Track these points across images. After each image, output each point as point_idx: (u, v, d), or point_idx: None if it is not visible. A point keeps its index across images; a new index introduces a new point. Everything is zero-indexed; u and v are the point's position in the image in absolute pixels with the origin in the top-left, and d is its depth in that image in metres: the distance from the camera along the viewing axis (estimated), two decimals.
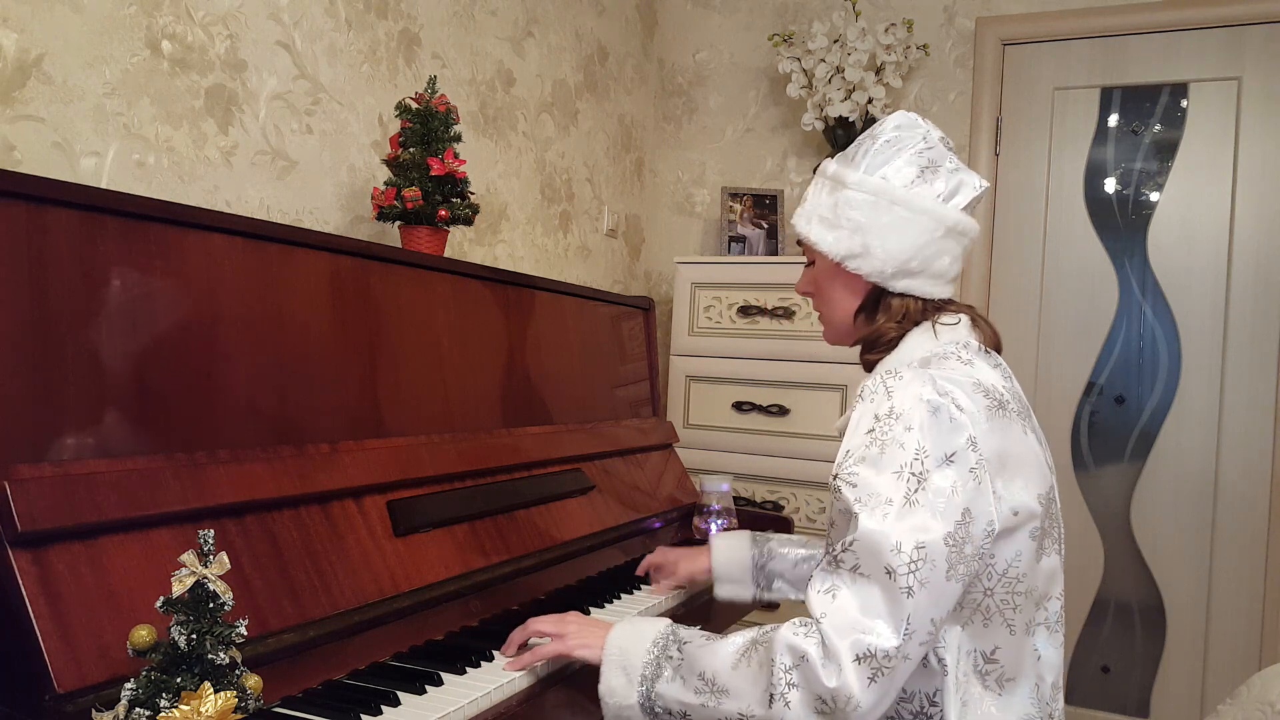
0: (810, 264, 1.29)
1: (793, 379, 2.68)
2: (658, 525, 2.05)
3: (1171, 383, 2.75)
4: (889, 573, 1.00)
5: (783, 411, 2.70)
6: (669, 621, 1.18)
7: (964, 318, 1.22)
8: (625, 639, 1.16)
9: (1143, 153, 2.80)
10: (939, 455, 1.03)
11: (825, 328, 1.31)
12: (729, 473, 2.63)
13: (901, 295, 1.20)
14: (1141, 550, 2.77)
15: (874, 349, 1.22)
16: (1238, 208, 2.67)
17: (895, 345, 1.20)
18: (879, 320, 1.22)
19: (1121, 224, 2.82)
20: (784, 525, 2.23)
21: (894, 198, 1.17)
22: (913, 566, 0.99)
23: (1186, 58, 2.72)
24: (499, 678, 1.20)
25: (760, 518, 2.24)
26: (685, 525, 2.16)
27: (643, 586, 1.70)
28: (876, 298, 1.22)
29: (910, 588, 0.99)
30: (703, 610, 1.68)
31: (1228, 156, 2.68)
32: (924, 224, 1.17)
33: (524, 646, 1.28)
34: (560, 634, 1.22)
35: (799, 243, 1.28)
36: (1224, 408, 2.68)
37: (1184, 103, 2.74)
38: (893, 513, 1.01)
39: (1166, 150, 2.76)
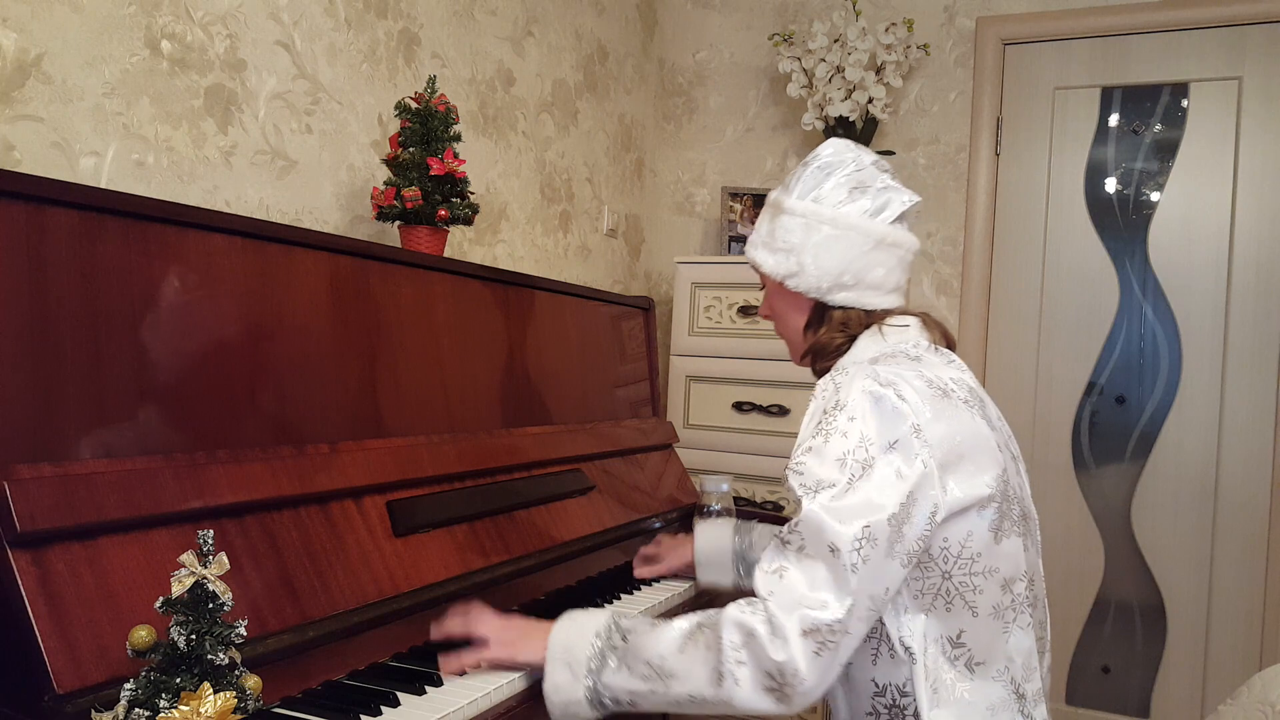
0: (763, 287, 1.37)
1: (793, 379, 2.67)
2: (658, 525, 2.05)
3: (1172, 383, 2.74)
4: (833, 551, 1.05)
5: (783, 411, 2.69)
6: (611, 612, 1.20)
7: (914, 321, 1.28)
8: (567, 634, 1.17)
9: (1143, 153, 2.79)
10: (882, 442, 1.09)
11: (787, 348, 1.38)
12: (729, 473, 2.62)
13: (842, 308, 1.27)
14: (1142, 550, 2.77)
15: (822, 357, 1.29)
16: (1238, 208, 2.67)
17: (844, 351, 1.26)
18: (822, 332, 1.29)
19: (1122, 224, 2.82)
20: (784, 525, 2.23)
21: (822, 218, 1.24)
22: (855, 545, 1.04)
23: (1187, 58, 2.72)
24: (499, 678, 1.20)
25: (760, 518, 2.24)
26: (685, 525, 2.16)
27: (643, 587, 1.70)
28: (820, 313, 1.29)
29: (854, 564, 1.04)
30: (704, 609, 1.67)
31: (1228, 156, 2.68)
32: (851, 239, 1.24)
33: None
34: (493, 639, 1.22)
35: (753, 268, 1.36)
36: (1225, 408, 2.68)
37: (1184, 102, 2.74)
38: (835, 495, 1.07)
39: (1167, 150, 2.76)
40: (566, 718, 1.15)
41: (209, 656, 0.85)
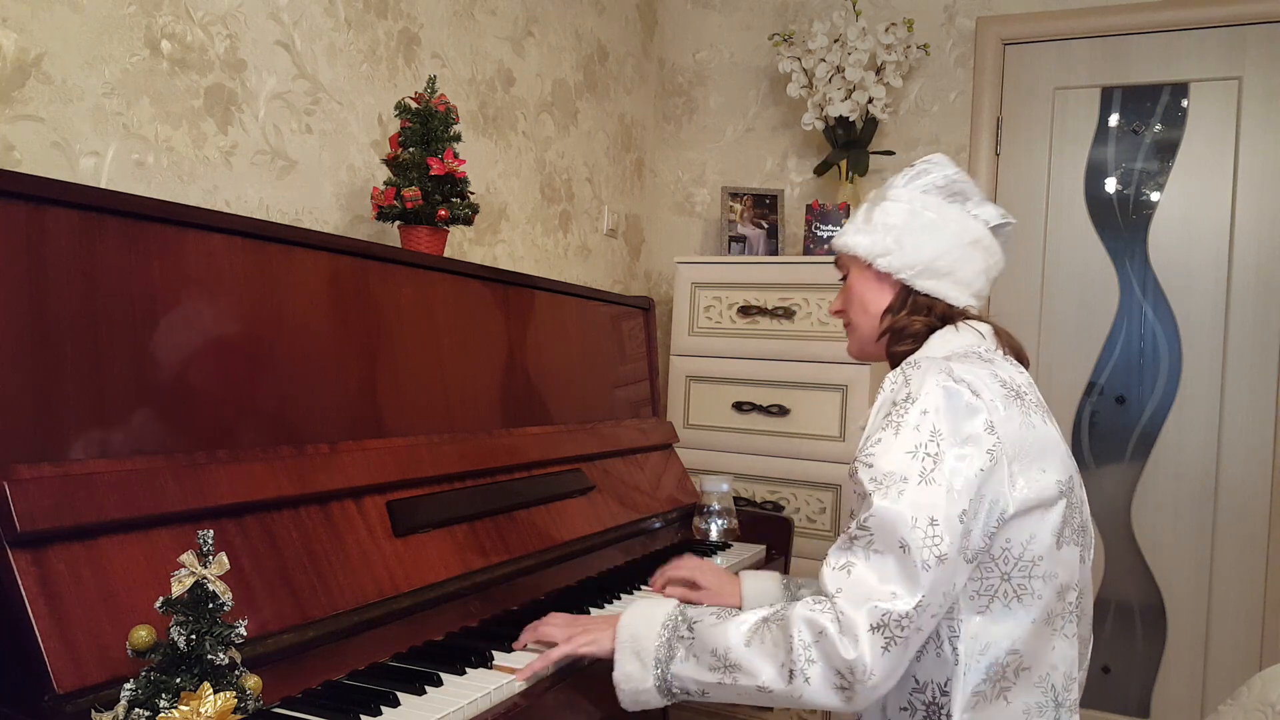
0: (844, 278, 1.37)
1: (793, 379, 2.68)
2: (658, 525, 2.05)
3: (1172, 383, 2.74)
4: (903, 547, 1.04)
5: (783, 411, 2.69)
6: (676, 602, 1.22)
7: (988, 326, 1.29)
8: (636, 625, 1.20)
9: (1143, 152, 2.79)
10: (954, 437, 1.08)
11: (852, 338, 1.37)
12: (729, 473, 2.62)
13: (927, 295, 1.28)
14: (1142, 550, 2.77)
15: (900, 340, 1.28)
16: (1238, 207, 2.67)
17: (920, 340, 1.26)
18: (902, 315, 1.29)
19: (1122, 224, 2.82)
20: (784, 526, 2.23)
21: (928, 205, 1.28)
22: (926, 542, 1.03)
23: (1187, 58, 2.72)
24: (498, 678, 1.20)
25: (760, 518, 2.24)
26: (685, 525, 2.16)
27: (642, 586, 1.70)
28: (904, 297, 1.29)
29: (926, 562, 1.03)
30: None
31: (1228, 156, 2.68)
32: (952, 229, 1.27)
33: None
34: (561, 639, 1.25)
35: (836, 265, 1.38)
36: (1225, 408, 2.68)
37: (1184, 102, 2.74)
38: (907, 491, 1.06)
39: (1167, 150, 2.76)
40: (636, 705, 1.19)
41: (209, 656, 0.85)
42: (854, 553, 1.08)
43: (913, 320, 1.27)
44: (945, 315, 1.27)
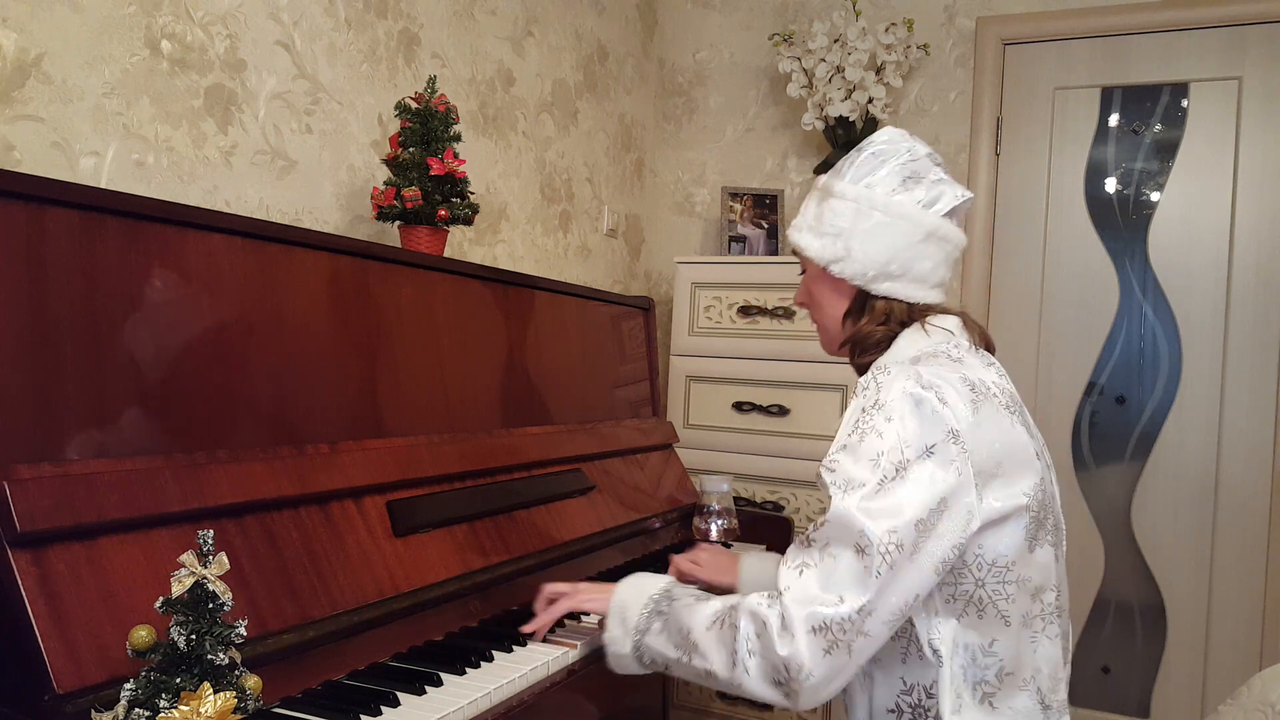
0: (803, 273, 1.34)
1: (793, 379, 2.68)
2: (658, 525, 2.05)
3: (1172, 383, 2.74)
4: (858, 551, 1.04)
5: (783, 411, 2.69)
6: (670, 580, 1.27)
7: (955, 319, 1.26)
8: (628, 594, 1.26)
9: (1143, 152, 2.79)
10: (919, 446, 1.07)
11: (820, 335, 1.36)
12: (729, 473, 2.62)
13: (885, 298, 1.24)
14: (1142, 550, 2.77)
15: (864, 351, 1.26)
16: (1238, 207, 2.67)
17: (885, 346, 1.24)
18: (863, 322, 1.26)
19: (1122, 224, 2.82)
20: (784, 525, 2.23)
21: (874, 203, 1.22)
22: (880, 549, 1.03)
23: (1187, 58, 2.72)
24: (498, 678, 1.20)
25: (760, 518, 2.24)
26: (685, 525, 2.16)
27: None
28: (862, 301, 1.27)
29: (877, 569, 1.03)
30: None
31: (1228, 156, 2.68)
32: (902, 228, 1.21)
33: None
34: (568, 592, 1.36)
35: (793, 253, 1.34)
36: (1225, 408, 2.68)
37: (1184, 102, 2.74)
38: (865, 495, 1.06)
39: (1167, 150, 2.76)
40: (618, 666, 1.25)
41: (209, 656, 0.85)
42: (809, 553, 1.09)
43: (874, 330, 1.24)
44: (906, 317, 1.24)
